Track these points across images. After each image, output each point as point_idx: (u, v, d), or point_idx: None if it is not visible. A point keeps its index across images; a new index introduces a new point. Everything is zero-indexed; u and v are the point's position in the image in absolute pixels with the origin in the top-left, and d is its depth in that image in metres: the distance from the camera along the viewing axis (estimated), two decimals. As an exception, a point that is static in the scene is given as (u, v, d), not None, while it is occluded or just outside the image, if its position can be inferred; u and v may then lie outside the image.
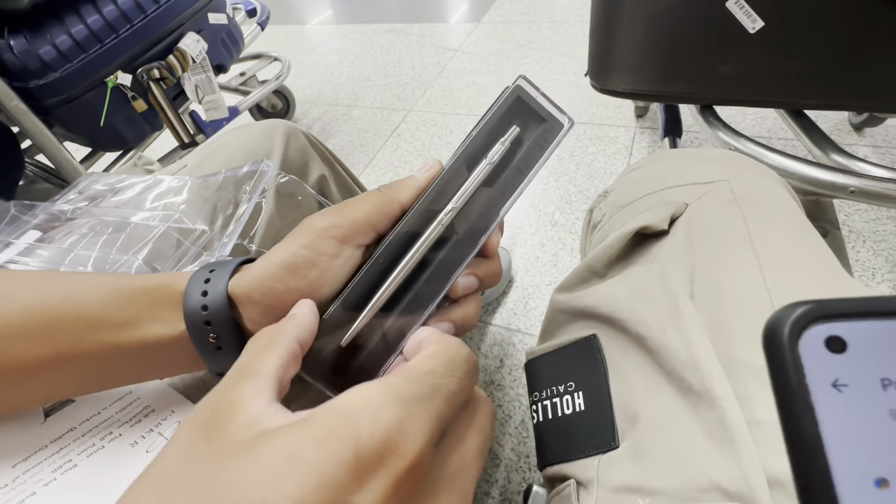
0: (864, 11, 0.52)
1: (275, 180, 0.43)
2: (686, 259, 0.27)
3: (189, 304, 0.23)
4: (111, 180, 0.42)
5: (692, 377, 0.21)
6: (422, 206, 0.22)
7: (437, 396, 0.16)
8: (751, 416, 0.20)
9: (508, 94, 0.23)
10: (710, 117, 0.67)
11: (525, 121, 0.23)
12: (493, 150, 0.22)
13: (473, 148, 0.23)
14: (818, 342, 0.11)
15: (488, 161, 0.22)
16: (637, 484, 0.21)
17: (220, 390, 0.17)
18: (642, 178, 0.36)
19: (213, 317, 0.23)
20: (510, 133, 0.23)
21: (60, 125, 0.98)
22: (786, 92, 0.60)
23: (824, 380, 0.11)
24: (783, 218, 0.28)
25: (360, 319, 0.22)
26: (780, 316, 0.11)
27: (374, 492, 0.13)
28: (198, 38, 1.04)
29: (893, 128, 1.08)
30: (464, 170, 0.23)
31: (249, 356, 0.19)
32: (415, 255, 0.22)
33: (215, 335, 0.23)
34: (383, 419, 0.14)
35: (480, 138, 0.23)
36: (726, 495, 0.18)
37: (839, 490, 0.10)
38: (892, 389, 0.11)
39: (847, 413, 0.11)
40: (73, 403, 0.27)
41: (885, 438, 0.11)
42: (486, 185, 0.22)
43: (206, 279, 0.24)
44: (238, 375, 0.18)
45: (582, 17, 1.74)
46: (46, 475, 0.23)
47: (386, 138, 1.41)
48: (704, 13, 0.60)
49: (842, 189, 0.52)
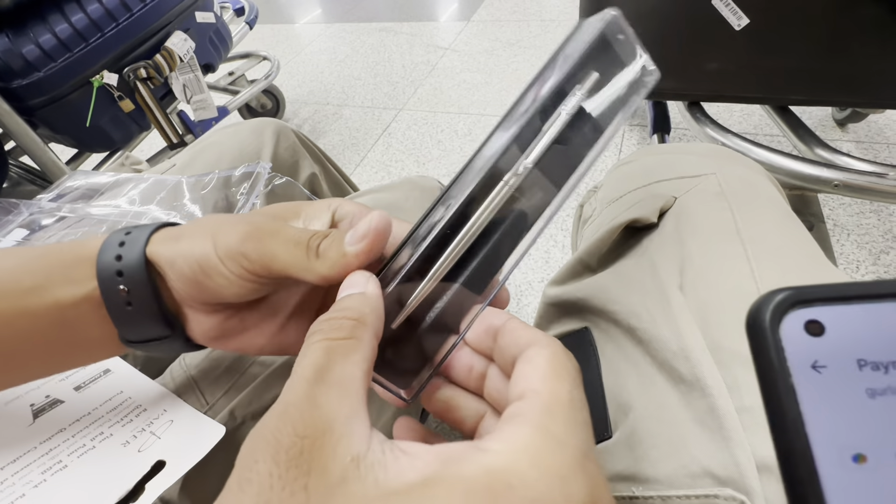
0: (847, 8, 0.53)
1: (270, 182, 0.42)
2: (675, 251, 0.27)
3: (102, 258, 0.22)
4: (98, 179, 0.42)
5: (683, 367, 0.22)
6: (486, 166, 0.18)
7: (587, 432, 0.14)
8: (740, 403, 0.20)
9: (592, 30, 0.18)
10: (698, 113, 0.67)
11: (604, 66, 0.18)
12: (574, 100, 0.18)
13: (544, 93, 0.18)
14: (798, 326, 0.12)
15: (566, 111, 0.18)
16: (630, 472, 0.21)
17: (299, 406, 0.13)
18: (631, 173, 0.36)
19: (127, 267, 0.21)
20: (589, 79, 0.18)
21: (45, 126, 0.97)
22: (771, 88, 0.61)
23: (804, 362, 0.11)
24: (769, 210, 0.28)
25: (413, 297, 0.18)
26: (761, 302, 0.12)
27: None
28: (185, 36, 1.03)
29: (875, 123, 1.10)
30: (536, 120, 0.18)
31: (323, 353, 0.15)
32: (480, 219, 0.18)
33: (126, 288, 0.21)
34: (576, 497, 0.12)
35: (553, 81, 0.18)
36: (717, 481, 0.19)
37: (819, 466, 0.11)
38: (868, 370, 0.11)
39: (826, 393, 0.11)
40: (63, 404, 0.26)
41: (862, 416, 0.11)
42: (559, 143, 0.18)
43: (126, 232, 0.22)
44: (320, 382, 0.14)
45: (571, 15, 1.75)
46: (36, 476, 0.22)
47: (377, 137, 1.40)
48: (691, 10, 0.61)
49: (826, 183, 0.53)
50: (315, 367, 0.14)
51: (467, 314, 0.18)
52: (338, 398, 0.14)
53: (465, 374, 0.18)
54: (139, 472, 0.23)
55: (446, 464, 0.12)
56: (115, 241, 0.22)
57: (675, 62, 0.65)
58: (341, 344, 0.15)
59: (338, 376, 0.14)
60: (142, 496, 0.22)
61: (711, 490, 0.19)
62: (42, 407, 0.26)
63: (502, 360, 0.17)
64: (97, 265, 0.22)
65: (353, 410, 0.14)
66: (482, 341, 0.18)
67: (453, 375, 0.19)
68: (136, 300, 0.22)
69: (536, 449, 0.12)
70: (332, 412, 0.13)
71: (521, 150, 0.18)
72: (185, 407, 0.27)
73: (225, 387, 0.29)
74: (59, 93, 0.92)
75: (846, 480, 0.11)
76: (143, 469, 0.23)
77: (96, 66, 0.94)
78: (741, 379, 0.21)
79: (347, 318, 0.16)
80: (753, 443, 0.19)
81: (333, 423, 0.13)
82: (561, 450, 0.13)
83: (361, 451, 0.13)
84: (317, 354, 0.15)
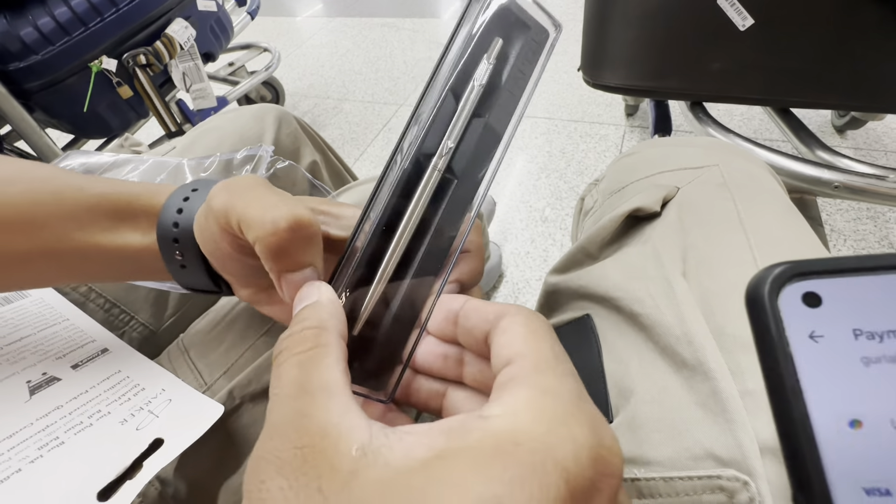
0: (851, 11, 0.53)
1: (272, 165, 0.42)
2: (678, 239, 0.27)
3: (162, 221, 0.24)
4: (96, 159, 0.41)
5: (686, 351, 0.22)
6: (411, 153, 0.18)
7: (575, 378, 0.14)
8: (743, 387, 0.20)
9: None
10: (701, 113, 0.68)
11: (506, 31, 0.19)
12: (479, 70, 0.18)
13: (451, 69, 0.18)
14: (796, 298, 0.12)
15: (479, 82, 0.18)
16: (632, 455, 0.21)
17: (290, 422, 0.13)
18: (634, 164, 0.36)
19: (182, 236, 0.23)
20: (494, 46, 0.18)
21: (42, 110, 0.95)
22: (774, 89, 0.61)
23: (802, 331, 0.12)
24: (771, 201, 0.29)
25: (367, 299, 0.18)
26: (760, 275, 0.12)
27: None
28: (186, 24, 1.02)
29: (874, 131, 1.10)
30: (450, 98, 0.18)
31: (296, 367, 0.15)
32: (416, 210, 0.18)
33: (181, 253, 0.24)
34: (580, 436, 0.12)
35: (459, 56, 0.18)
36: (720, 462, 0.19)
37: (817, 431, 0.11)
38: (863, 339, 0.12)
39: (823, 361, 0.12)
40: (60, 382, 0.26)
41: (857, 383, 0.12)
42: (477, 116, 0.18)
43: (185, 197, 0.24)
44: (303, 394, 0.14)
45: (574, 16, 1.75)
46: (32, 452, 0.22)
47: (377, 132, 1.40)
48: (696, 10, 0.61)
49: (827, 184, 0.54)
50: (293, 384, 0.14)
51: (426, 302, 0.19)
52: (325, 403, 0.14)
53: (441, 364, 0.19)
54: (137, 449, 0.23)
55: (451, 437, 0.12)
56: (175, 204, 0.24)
57: (679, 61, 0.65)
58: (310, 355, 0.15)
59: (318, 384, 0.14)
60: (139, 473, 0.22)
61: (714, 471, 0.19)
62: (39, 384, 0.26)
63: (472, 339, 0.17)
64: (157, 228, 0.24)
65: (344, 408, 0.14)
66: (444, 329, 0.18)
67: (430, 369, 0.19)
68: (190, 263, 0.24)
69: (535, 405, 0.13)
70: (324, 417, 0.13)
71: (442, 133, 0.18)
72: (183, 386, 0.26)
73: (224, 367, 0.29)
74: (56, 77, 0.91)
75: (842, 444, 0.11)
76: (141, 447, 0.23)
77: (95, 52, 0.93)
78: (744, 364, 0.21)
79: (308, 329, 0.16)
80: (756, 426, 0.19)
81: (328, 427, 0.13)
82: (557, 399, 0.13)
83: (364, 440, 0.13)
84: (291, 372, 0.15)
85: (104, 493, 0.21)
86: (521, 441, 0.12)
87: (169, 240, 0.24)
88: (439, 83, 0.18)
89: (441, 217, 0.18)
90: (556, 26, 0.19)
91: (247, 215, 0.19)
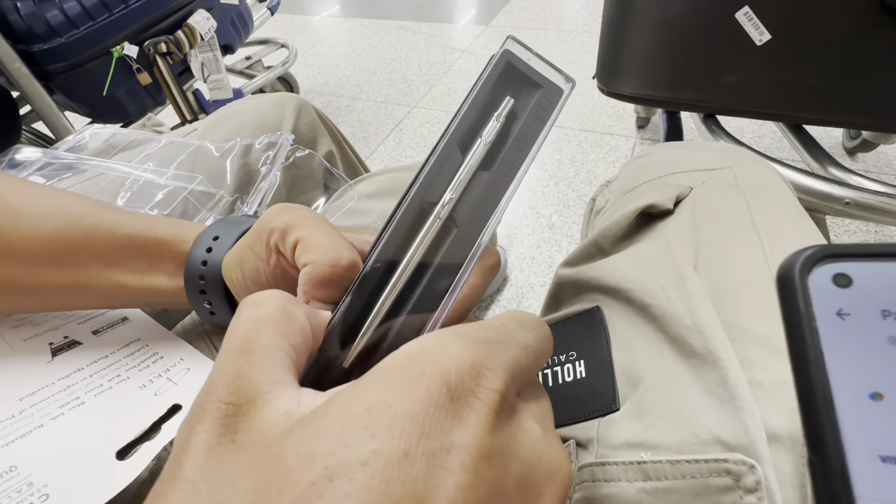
0: (868, 30, 0.53)
1: (292, 154, 0.43)
2: (691, 236, 0.28)
3: (189, 268, 0.25)
4: (120, 136, 0.42)
5: (696, 341, 0.22)
6: (414, 201, 0.19)
7: (513, 344, 0.14)
8: (751, 377, 0.20)
9: (497, 61, 0.20)
10: (713, 126, 0.68)
11: (519, 89, 0.20)
12: (487, 128, 0.19)
13: (465, 127, 0.19)
14: (826, 278, 0.12)
15: (483, 140, 0.19)
16: (638, 440, 0.22)
17: (224, 378, 0.13)
18: (647, 165, 0.37)
19: (209, 286, 0.25)
20: (504, 105, 0.20)
21: (62, 92, 0.97)
22: (788, 104, 0.61)
23: (829, 309, 0.12)
24: (782, 204, 0.29)
25: (359, 338, 0.19)
26: (792, 256, 0.13)
27: (472, 427, 0.12)
28: (208, 15, 1.04)
29: (885, 155, 1.11)
30: (457, 153, 0.19)
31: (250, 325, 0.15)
32: (413, 257, 0.19)
33: (210, 302, 0.26)
34: (465, 355, 0.13)
35: (471, 115, 0.19)
36: (726, 447, 0.19)
37: (837, 400, 0.12)
38: (892, 319, 0.12)
39: (848, 337, 0.12)
40: (81, 346, 0.26)
41: (882, 359, 0.12)
42: (483, 169, 0.19)
43: (208, 248, 0.25)
44: (244, 352, 0.14)
45: (589, 28, 1.76)
46: (54, 409, 0.22)
47: (388, 132, 1.41)
48: (714, 23, 0.62)
49: (838, 201, 0.54)
50: (241, 340, 0.14)
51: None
52: (263, 367, 0.13)
53: None
54: (156, 413, 0.23)
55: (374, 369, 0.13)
56: (200, 255, 0.25)
57: (694, 73, 0.66)
58: (270, 316, 0.15)
59: (264, 346, 0.14)
60: (157, 436, 0.22)
61: (721, 455, 0.19)
62: (60, 346, 0.26)
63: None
64: (185, 278, 0.25)
65: (279, 378, 0.13)
66: None
67: None
68: (218, 310, 0.26)
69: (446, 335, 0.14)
70: (258, 380, 0.13)
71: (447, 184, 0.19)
72: (201, 357, 0.27)
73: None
74: (78, 60, 0.92)
75: (861, 414, 0.11)
76: (160, 411, 0.23)
77: (118, 38, 0.94)
78: (753, 355, 0.21)
79: (279, 295, 0.16)
80: (763, 414, 0.19)
81: (258, 392, 0.13)
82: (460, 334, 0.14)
83: (291, 407, 0.13)
84: (244, 328, 0.15)
85: (122, 452, 0.22)
86: (415, 357, 0.13)
87: (196, 291, 0.25)
88: (449, 138, 0.19)
89: (440, 262, 0.19)
90: (568, 82, 0.20)
91: (312, 240, 0.20)
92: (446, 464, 0.11)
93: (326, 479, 0.10)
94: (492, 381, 0.13)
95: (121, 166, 0.40)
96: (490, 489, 0.12)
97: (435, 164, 0.19)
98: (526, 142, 0.20)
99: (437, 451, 0.11)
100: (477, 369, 0.13)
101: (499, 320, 0.16)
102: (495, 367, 0.13)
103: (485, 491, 0.11)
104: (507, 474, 0.12)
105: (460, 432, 0.12)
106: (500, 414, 0.13)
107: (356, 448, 0.11)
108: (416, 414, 0.11)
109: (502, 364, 0.13)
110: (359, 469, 0.10)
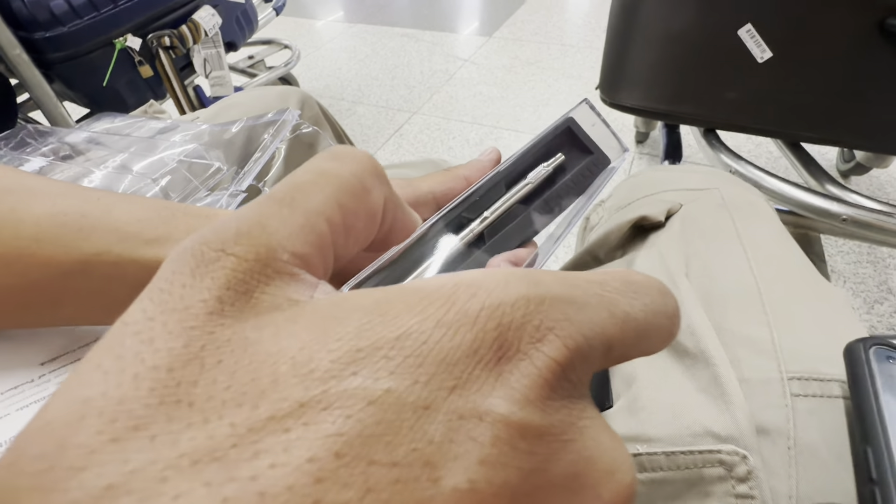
0: (867, 51, 0.54)
1: (297, 129, 0.42)
2: (681, 247, 0.30)
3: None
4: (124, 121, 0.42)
5: (689, 341, 0.24)
6: (454, 213, 0.20)
7: (603, 309, 0.11)
8: (740, 375, 0.22)
9: (562, 120, 0.22)
10: (713, 140, 0.69)
11: (570, 150, 0.22)
12: (533, 172, 0.21)
13: (515, 169, 0.21)
14: (882, 356, 0.19)
15: (531, 181, 0.21)
16: (633, 434, 0.22)
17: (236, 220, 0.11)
18: (639, 184, 0.39)
19: None
20: (554, 160, 0.21)
21: (61, 81, 0.96)
22: (787, 122, 0.62)
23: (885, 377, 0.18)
24: (766, 223, 0.32)
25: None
26: (855, 341, 0.19)
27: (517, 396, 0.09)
28: (213, 12, 1.04)
29: (878, 178, 1.12)
30: (502, 187, 0.21)
31: (293, 180, 0.12)
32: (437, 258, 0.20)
33: None
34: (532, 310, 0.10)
35: (525, 161, 0.21)
36: (718, 439, 0.20)
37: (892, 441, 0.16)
38: None
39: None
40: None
41: None
42: (522, 203, 0.21)
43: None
44: (271, 200, 0.11)
45: (591, 43, 1.79)
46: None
47: (388, 137, 1.41)
48: (717, 39, 0.63)
49: (835, 217, 0.54)
50: (287, 189, 0.11)
51: None
52: (293, 229, 0.11)
53: None
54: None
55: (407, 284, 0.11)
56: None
57: (696, 87, 0.67)
58: (340, 178, 0.12)
59: (309, 208, 0.11)
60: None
61: (714, 446, 0.20)
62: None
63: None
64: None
65: (305, 253, 0.11)
66: None
67: None
68: None
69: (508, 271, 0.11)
70: (277, 241, 0.10)
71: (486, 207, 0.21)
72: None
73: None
74: (80, 50, 0.92)
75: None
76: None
77: (121, 29, 0.94)
78: (741, 355, 0.23)
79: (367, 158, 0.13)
80: (752, 410, 0.21)
81: (271, 255, 0.10)
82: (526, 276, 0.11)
83: (301, 296, 0.10)
84: (301, 178, 0.12)
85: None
86: (476, 293, 0.10)
87: None
88: (497, 174, 0.21)
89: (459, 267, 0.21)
90: (623, 150, 0.22)
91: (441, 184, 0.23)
92: (474, 432, 0.09)
93: (319, 406, 0.08)
94: (553, 349, 0.10)
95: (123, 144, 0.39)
96: (526, 477, 0.09)
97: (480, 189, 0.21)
98: (568, 196, 0.22)
99: (466, 413, 0.09)
100: (541, 330, 0.10)
101: (599, 276, 0.12)
102: (566, 332, 0.10)
103: (519, 478, 0.09)
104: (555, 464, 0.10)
105: (500, 399, 0.09)
106: (555, 389, 0.10)
107: (367, 380, 0.09)
108: (455, 362, 0.09)
109: (577, 330, 0.10)
110: (363, 407, 0.08)
